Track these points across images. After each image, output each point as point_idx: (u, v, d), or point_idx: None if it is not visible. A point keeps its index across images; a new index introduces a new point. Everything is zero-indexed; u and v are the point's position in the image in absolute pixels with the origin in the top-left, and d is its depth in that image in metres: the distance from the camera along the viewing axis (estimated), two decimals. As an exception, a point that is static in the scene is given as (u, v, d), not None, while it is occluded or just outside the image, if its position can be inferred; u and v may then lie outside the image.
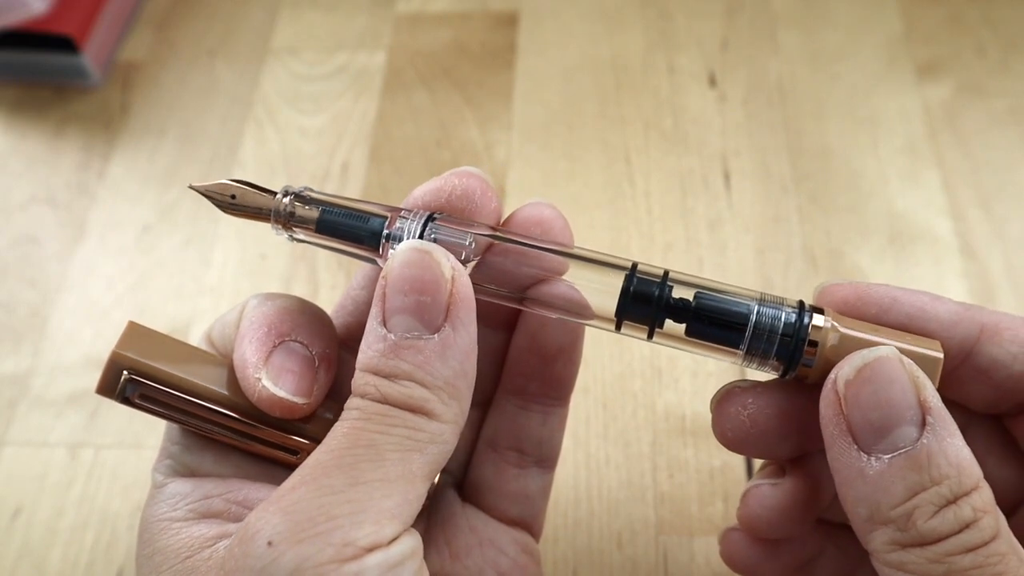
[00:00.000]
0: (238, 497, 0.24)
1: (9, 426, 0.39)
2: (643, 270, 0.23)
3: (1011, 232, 0.41)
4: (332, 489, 0.20)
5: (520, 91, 0.48)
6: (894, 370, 0.21)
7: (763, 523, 0.25)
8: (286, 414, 0.24)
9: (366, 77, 0.49)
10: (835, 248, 0.41)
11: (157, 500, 0.24)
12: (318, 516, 0.19)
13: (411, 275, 0.21)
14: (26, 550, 0.35)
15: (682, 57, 0.48)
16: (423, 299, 0.21)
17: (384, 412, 0.21)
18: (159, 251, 0.44)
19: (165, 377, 0.24)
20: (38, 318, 0.42)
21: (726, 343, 0.23)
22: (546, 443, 0.28)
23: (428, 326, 0.21)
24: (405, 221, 0.23)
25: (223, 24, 0.52)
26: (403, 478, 0.20)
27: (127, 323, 0.25)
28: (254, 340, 0.24)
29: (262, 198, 0.24)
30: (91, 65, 0.48)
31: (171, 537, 0.23)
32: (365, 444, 0.20)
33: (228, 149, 0.47)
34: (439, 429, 0.21)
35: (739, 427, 0.24)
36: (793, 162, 0.44)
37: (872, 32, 0.48)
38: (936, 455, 0.20)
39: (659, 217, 0.43)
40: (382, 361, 0.21)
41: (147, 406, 0.24)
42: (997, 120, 0.45)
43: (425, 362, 0.21)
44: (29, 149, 0.48)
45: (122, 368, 0.24)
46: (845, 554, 0.28)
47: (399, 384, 0.21)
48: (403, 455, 0.20)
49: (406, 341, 0.21)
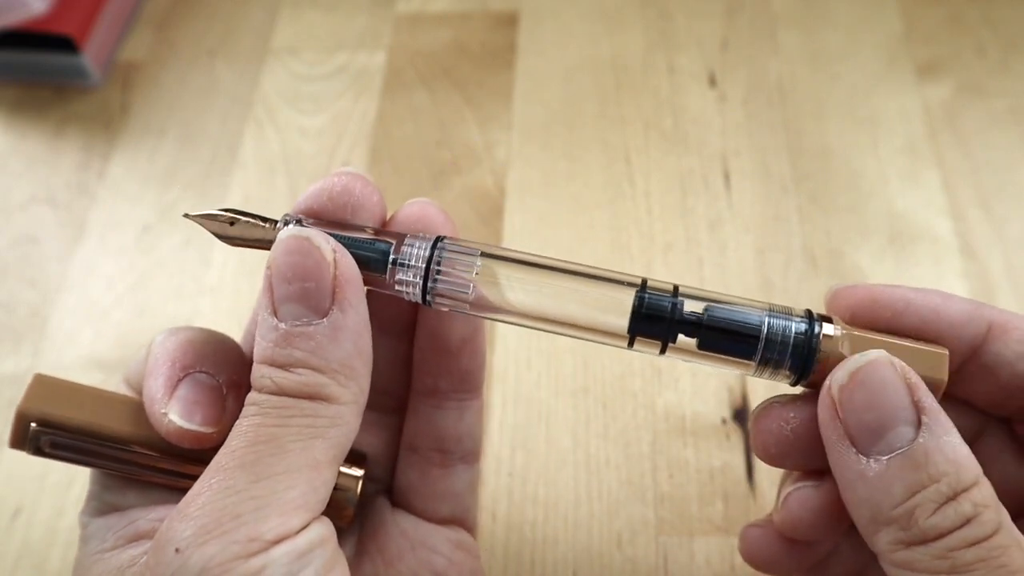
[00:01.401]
0: (160, 515, 0.24)
1: (9, 426, 0.39)
2: (653, 286, 0.23)
3: (1011, 232, 0.41)
4: (235, 489, 0.20)
5: (520, 91, 0.48)
6: (886, 372, 0.21)
7: (805, 525, 0.25)
8: (195, 444, 0.24)
9: (366, 77, 0.49)
10: (835, 248, 0.41)
11: (86, 540, 0.24)
12: (222, 517, 0.19)
13: (293, 262, 0.22)
14: (26, 550, 0.35)
15: (682, 57, 0.48)
16: (307, 285, 0.21)
17: (281, 404, 0.21)
18: (159, 251, 0.44)
19: (74, 423, 0.24)
20: (38, 318, 0.42)
21: (739, 355, 0.23)
22: (466, 438, 0.28)
23: (316, 311, 0.21)
24: (411, 247, 0.23)
25: (223, 24, 0.52)
26: (307, 466, 0.20)
27: (33, 376, 0.25)
28: (159, 376, 0.24)
29: (260, 229, 0.24)
30: (91, 65, 0.48)
31: (103, 565, 0.23)
32: (265, 439, 0.20)
33: (228, 149, 0.47)
34: (338, 412, 0.21)
35: (783, 441, 0.24)
36: (793, 162, 0.44)
37: (872, 32, 0.48)
38: (933, 453, 0.20)
39: (659, 217, 0.43)
40: (276, 351, 0.21)
41: (60, 454, 0.24)
42: (997, 120, 0.45)
43: (317, 347, 0.21)
44: (29, 149, 0.48)
45: (30, 420, 0.24)
46: (858, 552, 0.28)
47: (294, 373, 0.21)
48: (304, 443, 0.21)
49: (296, 328, 0.21)
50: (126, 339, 0.41)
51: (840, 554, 0.28)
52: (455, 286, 0.23)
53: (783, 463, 0.25)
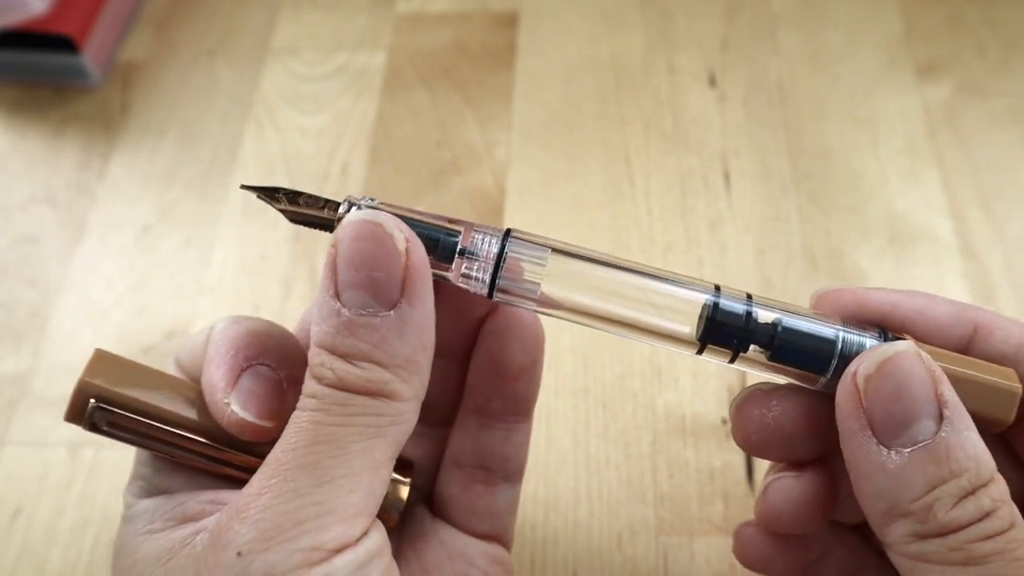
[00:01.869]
0: (210, 497, 0.24)
1: (9, 426, 0.39)
2: (726, 292, 0.23)
3: (1011, 232, 0.41)
4: (296, 492, 0.19)
5: (520, 91, 0.48)
6: (914, 364, 0.21)
7: (784, 516, 0.25)
8: (255, 437, 0.24)
9: (366, 77, 0.49)
10: (835, 248, 0.41)
11: (131, 519, 0.24)
12: (284, 522, 0.19)
13: (363, 249, 0.20)
14: (26, 550, 0.36)
15: (682, 57, 0.48)
16: (376, 275, 0.20)
17: (342, 400, 0.20)
18: (159, 251, 0.44)
19: (133, 404, 0.24)
20: (38, 318, 0.42)
21: (812, 369, 0.23)
22: (512, 459, 0.28)
23: (383, 302, 0.21)
24: (480, 235, 0.22)
25: (223, 24, 0.52)
26: (367, 469, 0.20)
27: (94, 351, 0.25)
28: (222, 364, 0.24)
29: (324, 211, 0.23)
30: (91, 65, 0.48)
31: (152, 545, 0.23)
32: (326, 439, 0.20)
33: (228, 149, 0.47)
34: (399, 409, 0.21)
35: (763, 429, 0.24)
36: (793, 162, 0.44)
37: (872, 32, 0.48)
38: (955, 448, 0.20)
39: (659, 217, 0.43)
40: (338, 339, 0.20)
41: (116, 433, 0.24)
42: (997, 120, 0.45)
43: (383, 340, 0.20)
44: (29, 149, 0.48)
45: (89, 396, 0.24)
46: (851, 555, 0.28)
47: (357, 366, 0.20)
48: (365, 444, 0.20)
49: (361, 318, 0.20)
50: (126, 339, 0.41)
51: (832, 557, 0.28)
52: (523, 281, 0.22)
53: (763, 452, 0.25)
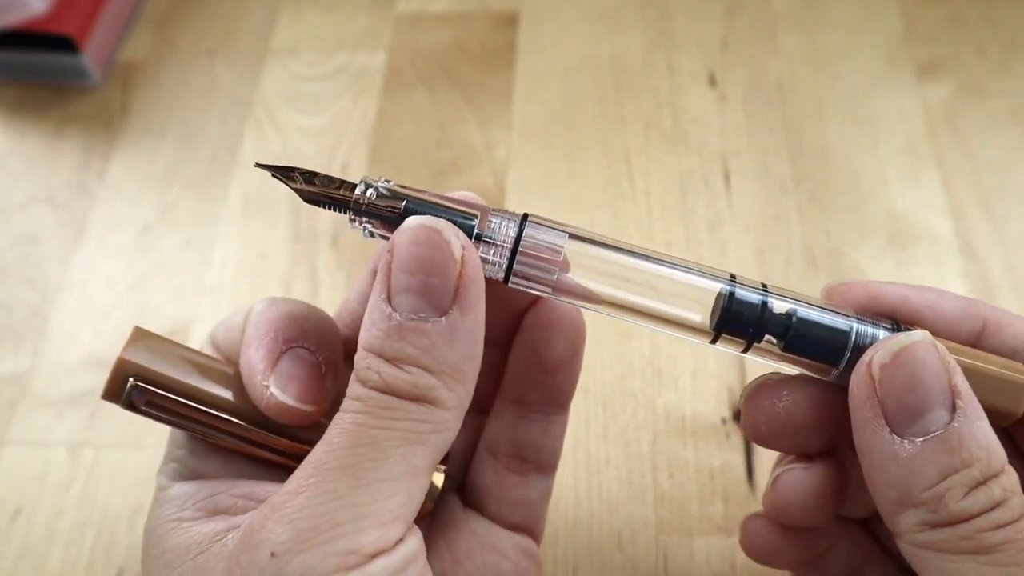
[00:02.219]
0: (244, 491, 0.24)
1: (9, 426, 0.39)
2: (742, 281, 0.23)
3: (1011, 232, 0.41)
4: (335, 494, 0.19)
5: (520, 91, 0.48)
6: (929, 354, 0.21)
7: (793, 508, 0.25)
8: (294, 421, 0.24)
9: (366, 77, 0.49)
10: (835, 248, 0.41)
11: (163, 502, 0.24)
12: (321, 524, 0.19)
13: (419, 254, 0.21)
14: (26, 550, 0.35)
15: (682, 57, 0.48)
16: (431, 280, 0.20)
17: (386, 404, 0.20)
18: (159, 251, 0.44)
19: (171, 383, 0.24)
20: (38, 318, 0.42)
21: (825, 360, 0.23)
22: (547, 450, 0.28)
23: (436, 308, 0.21)
24: (498, 222, 0.22)
25: (223, 24, 0.52)
26: (407, 474, 0.20)
27: (133, 328, 0.25)
28: (261, 347, 0.24)
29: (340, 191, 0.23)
30: (91, 65, 0.48)
31: (181, 536, 0.22)
32: (367, 442, 0.20)
33: (228, 149, 0.47)
34: (443, 417, 0.21)
35: (774, 419, 0.24)
36: (793, 162, 0.44)
37: (872, 32, 0.48)
38: (967, 438, 0.20)
39: (659, 217, 0.43)
40: (387, 343, 0.20)
41: (153, 412, 0.24)
42: (997, 120, 0.45)
43: (432, 346, 0.20)
44: (29, 149, 0.48)
45: (128, 374, 0.24)
46: (857, 548, 0.28)
47: (404, 370, 0.20)
48: (406, 450, 0.20)
49: (412, 323, 0.20)
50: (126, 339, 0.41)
51: (838, 550, 0.28)
52: (541, 266, 0.22)
53: (773, 443, 0.25)
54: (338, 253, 0.43)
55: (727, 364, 0.38)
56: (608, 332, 0.39)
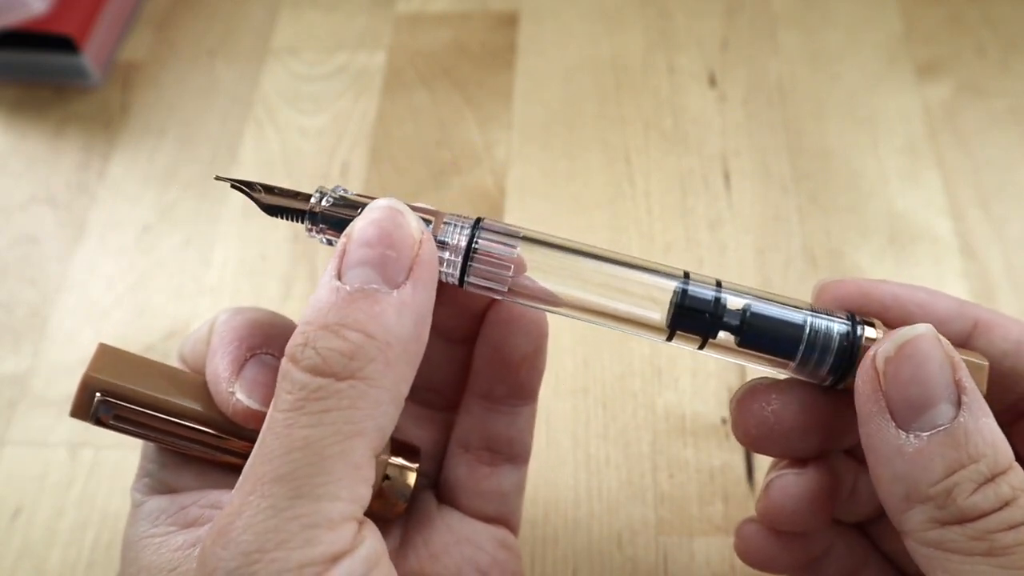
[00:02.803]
0: (212, 500, 0.24)
1: (9, 426, 0.39)
2: (695, 278, 0.23)
3: (1011, 232, 0.41)
4: (275, 508, 0.19)
5: (520, 91, 0.48)
6: (933, 348, 0.21)
7: (786, 513, 0.25)
8: (260, 425, 0.24)
9: (366, 77, 0.49)
10: (835, 248, 0.41)
11: (137, 519, 0.24)
12: (266, 543, 0.18)
13: (380, 229, 0.20)
14: (26, 550, 0.35)
15: (682, 57, 0.48)
16: (388, 252, 0.20)
17: (318, 392, 0.19)
18: (159, 251, 0.44)
19: (138, 397, 0.24)
20: (38, 318, 0.42)
21: (780, 354, 0.23)
22: (516, 441, 0.28)
23: (388, 281, 0.20)
24: (450, 226, 0.23)
25: (223, 24, 0.52)
26: (347, 472, 0.19)
27: (98, 345, 0.25)
28: (226, 354, 0.24)
29: (296, 201, 0.23)
30: (91, 65, 0.48)
31: (153, 553, 0.22)
32: (300, 446, 0.19)
33: (228, 149, 0.47)
34: (377, 399, 0.20)
35: (763, 423, 0.24)
36: (793, 162, 0.44)
37: (872, 32, 0.48)
38: (973, 433, 0.20)
39: (659, 217, 0.43)
40: (331, 312, 0.20)
41: (121, 427, 0.24)
42: (997, 120, 0.45)
43: (380, 313, 0.20)
44: (29, 149, 0.48)
45: (95, 390, 0.24)
46: (852, 552, 0.28)
47: (343, 337, 0.19)
48: (343, 446, 0.19)
49: (362, 292, 0.20)
50: (126, 339, 0.41)
51: (834, 554, 0.28)
52: (494, 270, 0.23)
53: (763, 447, 0.25)
54: (338, 253, 0.43)
55: (727, 364, 0.38)
56: (608, 332, 0.39)
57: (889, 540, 0.28)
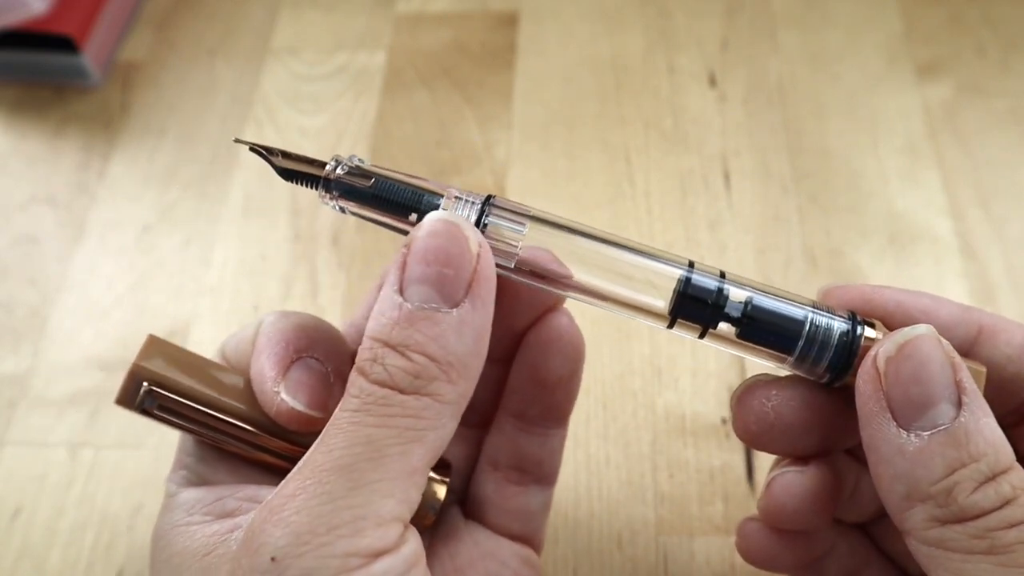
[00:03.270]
0: (249, 494, 0.24)
1: (9, 426, 0.39)
2: (700, 268, 0.23)
3: (1011, 232, 0.41)
4: (331, 495, 0.19)
5: (520, 91, 0.48)
6: (934, 348, 0.21)
7: (788, 511, 0.25)
8: (303, 427, 0.24)
9: (366, 77, 0.49)
10: (835, 248, 0.41)
11: (171, 508, 0.24)
12: (318, 526, 0.19)
13: (436, 245, 0.21)
14: (26, 550, 0.35)
15: (682, 57, 0.48)
16: (446, 271, 0.21)
17: (386, 399, 0.20)
18: (159, 251, 0.44)
19: (183, 389, 0.24)
20: (38, 318, 0.42)
21: (778, 348, 0.23)
22: (546, 462, 0.28)
23: (447, 300, 0.21)
24: (460, 202, 0.23)
25: (223, 24, 0.52)
26: (403, 474, 0.20)
27: (148, 336, 0.25)
28: (272, 355, 0.25)
29: (312, 167, 0.24)
30: (91, 65, 0.48)
31: (188, 539, 0.23)
32: (363, 441, 0.20)
33: (228, 149, 0.47)
34: (440, 413, 0.21)
35: (763, 419, 0.24)
36: (793, 162, 0.44)
37: (872, 32, 0.48)
38: (973, 433, 0.20)
39: (659, 217, 0.43)
40: (395, 330, 0.20)
41: (166, 418, 0.24)
42: (997, 120, 0.45)
43: (441, 335, 0.20)
44: (29, 149, 0.48)
45: (142, 380, 0.24)
46: (854, 553, 0.28)
47: (409, 358, 0.20)
48: (403, 448, 0.20)
49: (422, 312, 0.20)
50: (126, 339, 0.41)
51: (836, 554, 0.28)
52: (501, 248, 0.23)
53: (763, 443, 0.25)
54: (338, 253, 0.43)
55: (727, 364, 0.38)
56: (608, 332, 0.39)
57: (891, 540, 0.28)
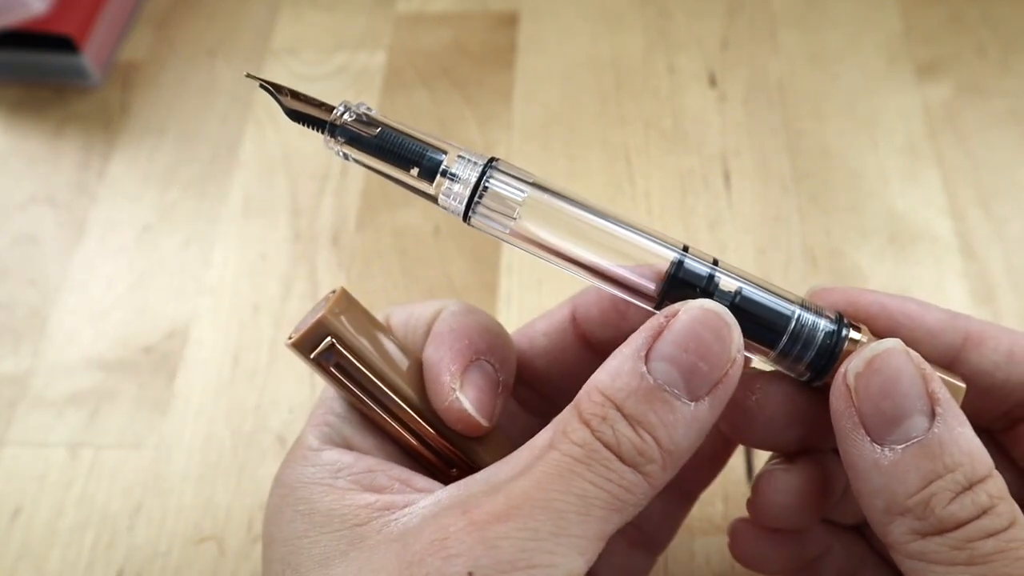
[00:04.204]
0: (401, 476, 0.23)
1: (9, 426, 0.39)
2: (694, 253, 0.23)
3: (1011, 232, 0.41)
4: (536, 534, 0.19)
5: (520, 91, 0.48)
6: (902, 361, 0.21)
7: (775, 509, 0.25)
8: (467, 430, 0.24)
9: (366, 77, 0.49)
10: (835, 248, 0.41)
11: (313, 462, 0.24)
12: (519, 559, 0.19)
13: (700, 336, 0.21)
14: (26, 550, 0.35)
15: (682, 57, 0.48)
16: (700, 365, 0.21)
17: (608, 462, 0.20)
18: (159, 251, 0.44)
19: (364, 355, 0.24)
20: (38, 318, 0.42)
21: (762, 341, 0.23)
22: (663, 528, 0.29)
23: (690, 392, 0.21)
24: (464, 160, 0.23)
25: (223, 24, 0.52)
26: (598, 536, 0.20)
27: (339, 289, 0.25)
28: (454, 349, 0.24)
29: (320, 111, 0.24)
30: (91, 65, 0.48)
31: (336, 502, 0.22)
32: (578, 492, 0.20)
33: (228, 149, 0.47)
34: (645, 493, 0.21)
35: (745, 412, 0.24)
36: (793, 162, 0.44)
37: (872, 32, 0.48)
38: (948, 443, 0.20)
39: (659, 217, 0.43)
40: (631, 400, 0.20)
41: (336, 376, 0.24)
42: (997, 120, 0.45)
43: (673, 424, 0.20)
44: (29, 149, 0.48)
45: (327, 333, 0.24)
46: (850, 554, 0.28)
47: (638, 433, 0.20)
48: (607, 514, 0.20)
49: (663, 394, 0.20)
50: (126, 339, 0.41)
51: (832, 556, 0.28)
52: (499, 210, 0.23)
53: (746, 437, 0.25)
54: (338, 253, 0.43)
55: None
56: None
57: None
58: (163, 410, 0.39)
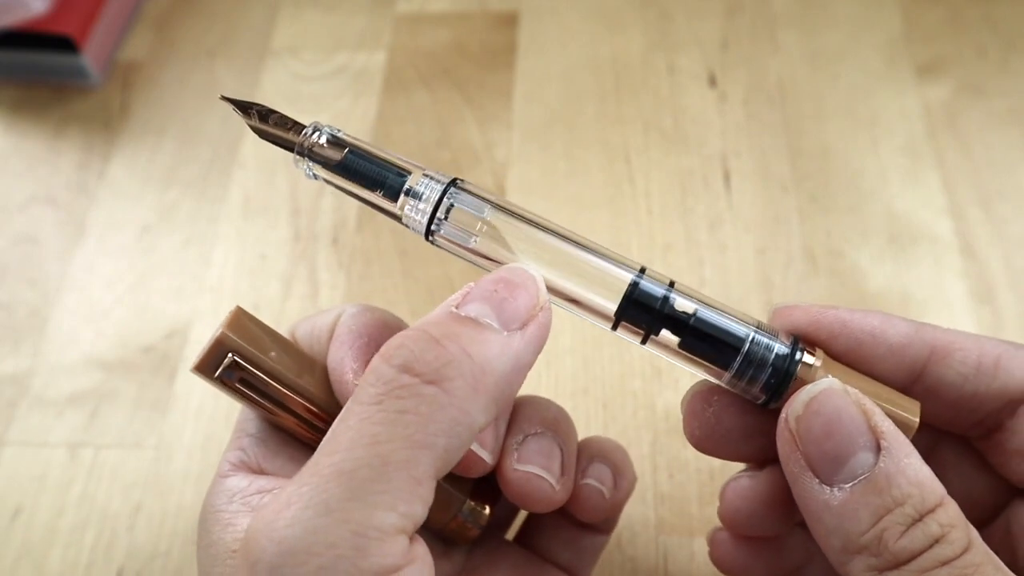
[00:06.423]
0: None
1: (9, 426, 0.39)
2: (650, 275, 0.24)
3: (1011, 232, 0.41)
4: (327, 506, 0.18)
5: (520, 91, 0.48)
6: (840, 400, 0.21)
7: (743, 516, 0.25)
8: None
9: (366, 77, 0.49)
10: (835, 248, 0.41)
11: (216, 491, 0.24)
12: (315, 544, 0.18)
13: (510, 279, 0.22)
14: (26, 550, 0.36)
15: (682, 57, 0.48)
16: (508, 299, 0.21)
17: (399, 390, 0.19)
18: (159, 251, 0.44)
19: (265, 366, 0.24)
20: (38, 318, 0.42)
21: (716, 363, 0.23)
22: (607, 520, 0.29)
23: (503, 323, 0.21)
24: (427, 180, 0.23)
25: (223, 24, 0.52)
26: (407, 484, 0.19)
27: (235, 307, 0.25)
28: (354, 348, 0.25)
29: (289, 131, 0.24)
30: (91, 65, 0.48)
31: (222, 530, 0.22)
32: (367, 443, 0.19)
33: (228, 149, 0.47)
34: (455, 420, 0.19)
35: (705, 424, 0.25)
36: (793, 162, 0.44)
37: (872, 32, 0.48)
38: (895, 476, 0.20)
39: (659, 217, 0.43)
40: (436, 328, 0.20)
41: (242, 390, 0.24)
42: (997, 120, 0.45)
43: (485, 341, 0.20)
44: (29, 149, 0.48)
45: (227, 351, 0.24)
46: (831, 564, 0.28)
47: (442, 346, 0.20)
48: (409, 453, 0.19)
49: (473, 320, 0.21)
50: (126, 339, 0.41)
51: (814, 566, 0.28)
52: (458, 230, 0.23)
53: (708, 448, 0.25)
54: (338, 253, 0.43)
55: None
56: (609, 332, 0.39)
57: None
58: (163, 410, 0.39)
